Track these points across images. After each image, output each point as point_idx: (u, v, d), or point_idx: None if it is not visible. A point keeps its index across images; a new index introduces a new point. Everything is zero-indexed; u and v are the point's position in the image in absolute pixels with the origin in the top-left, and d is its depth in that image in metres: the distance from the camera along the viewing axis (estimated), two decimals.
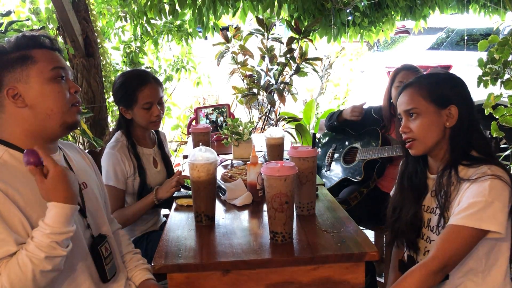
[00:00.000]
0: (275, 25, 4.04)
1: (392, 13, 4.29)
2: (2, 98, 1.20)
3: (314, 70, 4.10)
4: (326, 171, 2.64)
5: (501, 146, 2.39)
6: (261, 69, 4.03)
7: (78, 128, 2.71)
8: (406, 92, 1.46)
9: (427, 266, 1.28)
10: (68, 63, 3.36)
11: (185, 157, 2.59)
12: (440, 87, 1.42)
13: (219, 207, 1.69)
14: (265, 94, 4.00)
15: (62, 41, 3.41)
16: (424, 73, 1.52)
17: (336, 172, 2.58)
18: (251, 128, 2.39)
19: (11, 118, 1.21)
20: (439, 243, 1.30)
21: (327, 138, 2.76)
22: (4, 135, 1.22)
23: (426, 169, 1.50)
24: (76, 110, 1.28)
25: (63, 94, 1.24)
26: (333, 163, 2.61)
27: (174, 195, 1.86)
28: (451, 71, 5.83)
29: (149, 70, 4.09)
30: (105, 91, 3.65)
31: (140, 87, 1.97)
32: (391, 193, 1.66)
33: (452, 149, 1.41)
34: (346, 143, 2.61)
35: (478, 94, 1.50)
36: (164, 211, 2.29)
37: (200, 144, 1.61)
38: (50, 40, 1.26)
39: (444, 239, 1.29)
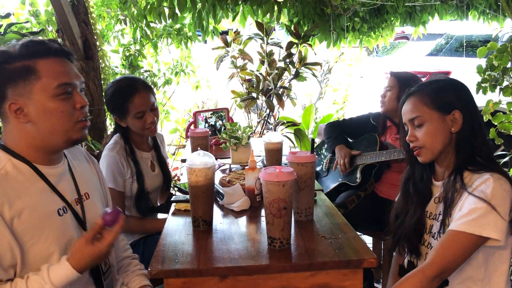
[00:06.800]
0: (274, 29, 4.04)
1: (392, 19, 4.30)
2: (6, 110, 1.16)
3: (313, 75, 4.10)
4: (323, 176, 2.64)
5: (500, 153, 2.39)
6: (260, 74, 4.03)
7: None
8: (409, 101, 1.46)
9: (424, 272, 1.27)
10: None
11: (184, 161, 2.58)
12: (442, 93, 1.43)
13: (216, 212, 1.68)
14: (264, 98, 4.00)
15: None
16: (424, 80, 1.53)
17: (333, 177, 2.58)
18: (249, 133, 2.38)
19: (15, 130, 1.19)
20: (438, 248, 1.29)
21: (325, 146, 2.76)
22: (9, 143, 1.20)
23: (431, 176, 1.50)
24: (82, 125, 1.23)
25: (67, 112, 1.19)
26: (331, 169, 2.62)
27: (172, 199, 1.86)
28: (450, 77, 5.79)
29: (147, 73, 4.09)
30: (103, 94, 3.64)
31: (129, 98, 1.94)
32: (396, 199, 1.65)
33: (457, 154, 1.41)
34: None
35: (477, 101, 1.51)
36: (161, 215, 2.28)
37: (199, 148, 1.61)
38: (60, 45, 1.21)
39: (443, 245, 1.29)
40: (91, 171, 1.44)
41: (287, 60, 3.93)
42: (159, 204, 2.22)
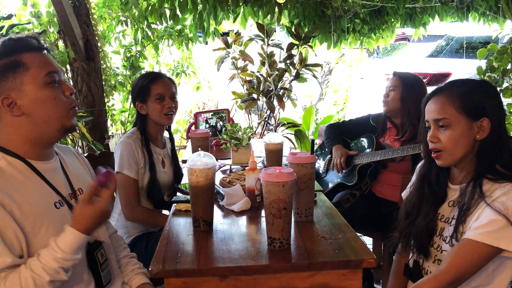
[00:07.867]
0: (275, 31, 4.06)
1: (392, 20, 4.32)
2: None
3: (314, 76, 4.11)
4: (322, 177, 2.65)
5: None
6: (261, 75, 4.04)
7: (77, 131, 2.73)
8: (437, 99, 1.39)
9: (438, 280, 1.26)
10: (68, 66, 3.37)
11: (184, 161, 2.59)
12: (474, 98, 1.36)
13: (217, 212, 1.69)
14: (264, 99, 4.01)
15: (63, 44, 3.42)
16: (458, 78, 1.47)
17: (331, 178, 2.60)
18: (250, 134, 2.39)
19: (7, 125, 1.20)
20: (453, 257, 1.28)
21: (325, 148, 2.78)
22: (1, 141, 1.21)
23: (447, 178, 1.47)
24: (74, 113, 1.27)
25: (59, 99, 1.23)
26: (329, 170, 2.63)
27: (173, 199, 1.86)
28: (450, 78, 5.84)
29: None
30: (105, 94, 3.65)
31: (153, 81, 2.13)
32: (403, 195, 1.64)
33: (479, 162, 1.37)
34: None
35: None
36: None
37: (199, 149, 1.62)
38: (37, 41, 1.23)
39: (459, 254, 1.27)
40: (82, 168, 1.46)
41: (288, 61, 3.94)
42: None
